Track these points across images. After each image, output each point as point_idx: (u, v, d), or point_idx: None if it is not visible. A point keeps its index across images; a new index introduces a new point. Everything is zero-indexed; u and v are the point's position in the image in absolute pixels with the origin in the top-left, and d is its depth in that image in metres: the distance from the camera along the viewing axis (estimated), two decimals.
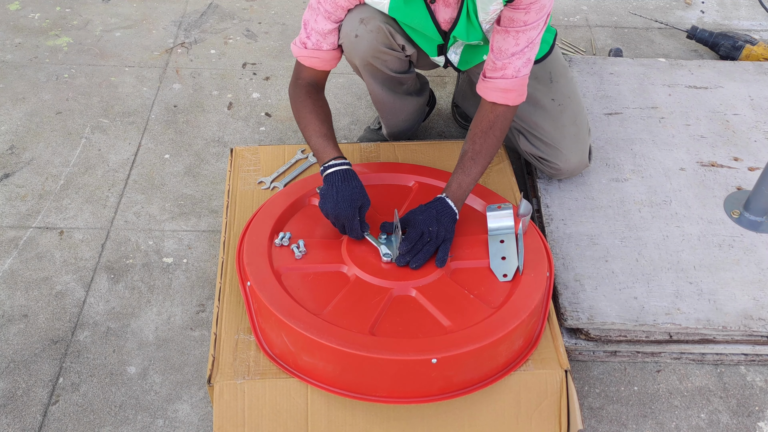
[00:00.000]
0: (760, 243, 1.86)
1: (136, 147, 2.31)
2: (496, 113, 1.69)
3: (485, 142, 1.69)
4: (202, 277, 1.94)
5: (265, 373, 1.51)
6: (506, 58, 1.64)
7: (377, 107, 2.02)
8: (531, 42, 1.62)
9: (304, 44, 1.73)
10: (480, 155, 1.68)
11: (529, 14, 1.58)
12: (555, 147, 1.91)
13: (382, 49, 1.76)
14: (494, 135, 1.69)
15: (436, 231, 1.60)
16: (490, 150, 1.70)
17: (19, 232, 2.04)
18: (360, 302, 1.53)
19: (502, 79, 1.66)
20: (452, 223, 1.63)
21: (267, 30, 2.83)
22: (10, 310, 1.84)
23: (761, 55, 2.61)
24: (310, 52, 1.73)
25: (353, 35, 1.73)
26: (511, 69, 1.64)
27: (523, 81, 1.67)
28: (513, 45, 1.62)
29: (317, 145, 1.69)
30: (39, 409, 1.66)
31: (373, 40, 1.74)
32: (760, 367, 1.78)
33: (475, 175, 1.68)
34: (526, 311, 1.50)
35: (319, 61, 1.74)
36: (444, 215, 1.62)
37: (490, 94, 1.68)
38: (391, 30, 1.75)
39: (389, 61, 1.81)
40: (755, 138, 2.17)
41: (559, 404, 1.52)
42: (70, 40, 2.73)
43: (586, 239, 1.87)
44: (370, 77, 1.87)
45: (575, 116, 1.93)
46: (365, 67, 1.82)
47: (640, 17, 3.00)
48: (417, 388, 1.45)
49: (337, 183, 1.61)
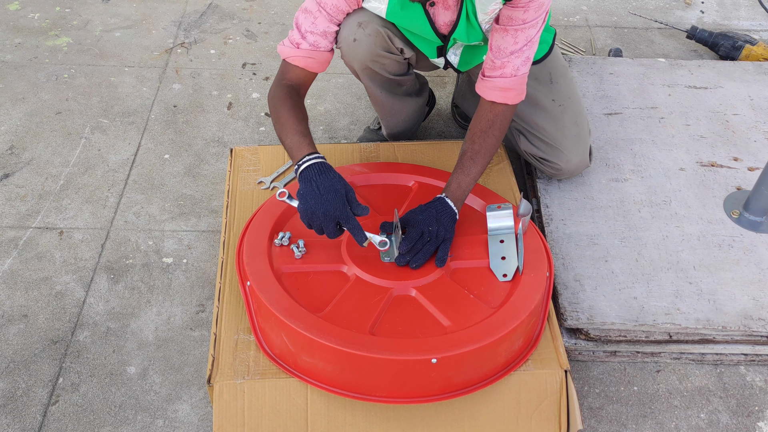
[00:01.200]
0: (759, 243, 1.86)
1: (136, 147, 2.31)
2: (495, 112, 1.69)
3: (484, 141, 1.69)
4: (201, 278, 1.94)
5: (264, 373, 1.51)
6: (505, 57, 1.64)
7: (377, 109, 2.02)
8: (530, 40, 1.62)
9: (297, 44, 1.69)
10: (479, 155, 1.68)
11: (528, 12, 1.58)
12: (556, 147, 1.91)
13: (381, 52, 1.76)
14: (493, 134, 1.69)
15: (435, 231, 1.60)
16: (489, 149, 1.70)
17: (19, 232, 2.04)
18: (360, 302, 1.53)
19: (501, 78, 1.66)
20: (452, 223, 1.63)
21: (267, 30, 2.83)
22: (9, 311, 1.84)
23: (761, 55, 2.61)
24: (305, 52, 1.69)
25: (351, 39, 1.73)
26: (510, 68, 1.64)
27: (522, 80, 1.67)
28: (512, 43, 1.62)
29: (292, 143, 1.60)
30: (39, 409, 1.66)
31: (372, 44, 1.73)
32: (759, 367, 1.78)
33: (475, 174, 1.68)
34: (526, 311, 1.50)
35: (314, 61, 1.71)
36: (443, 215, 1.62)
37: (489, 93, 1.68)
38: (390, 33, 1.74)
39: (388, 65, 1.81)
40: (755, 138, 2.17)
41: (559, 404, 1.52)
42: (70, 40, 2.73)
43: (586, 239, 1.87)
44: (368, 80, 1.87)
45: (576, 116, 1.93)
46: (364, 70, 1.82)
47: (639, 17, 3.00)
48: (417, 388, 1.45)
49: (314, 177, 1.52)
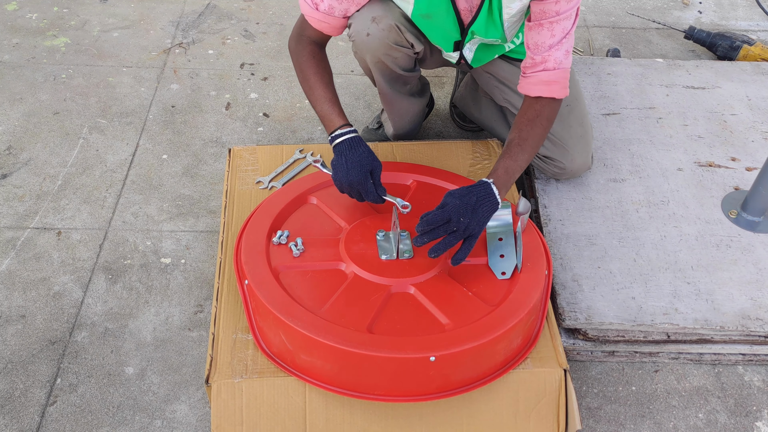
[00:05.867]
0: (757, 243, 1.87)
1: (134, 147, 2.31)
2: (541, 104, 1.65)
3: (532, 130, 1.63)
4: (200, 278, 1.93)
5: (263, 371, 1.50)
6: (545, 51, 1.61)
7: (387, 108, 2.03)
8: (566, 33, 1.59)
9: (316, 5, 1.68)
10: (527, 142, 1.62)
11: (560, 4, 1.56)
12: (562, 146, 1.91)
13: (393, 46, 1.76)
14: (540, 124, 1.64)
15: (466, 223, 1.48)
16: (537, 139, 1.64)
17: (17, 232, 2.03)
18: (358, 300, 1.52)
19: (544, 72, 1.63)
20: (489, 214, 1.52)
21: (265, 30, 2.83)
22: (7, 311, 1.84)
23: (759, 56, 2.62)
24: (322, 16, 1.69)
25: (365, 33, 1.73)
26: (552, 61, 1.62)
27: (565, 73, 1.64)
28: (549, 37, 1.59)
29: (323, 111, 1.73)
30: (37, 409, 1.66)
31: (385, 38, 1.74)
32: (757, 366, 1.78)
33: (522, 162, 1.61)
34: (524, 309, 1.50)
35: (328, 26, 1.72)
36: (483, 204, 1.51)
37: (532, 89, 1.65)
38: (402, 28, 1.74)
39: (399, 58, 1.81)
40: (753, 138, 2.17)
41: (558, 403, 1.52)
42: (68, 40, 2.73)
43: (584, 239, 1.87)
44: (379, 75, 1.87)
45: (582, 118, 1.93)
46: (376, 64, 1.82)
47: (637, 17, 3.00)
48: (415, 386, 1.45)
49: (345, 152, 1.64)
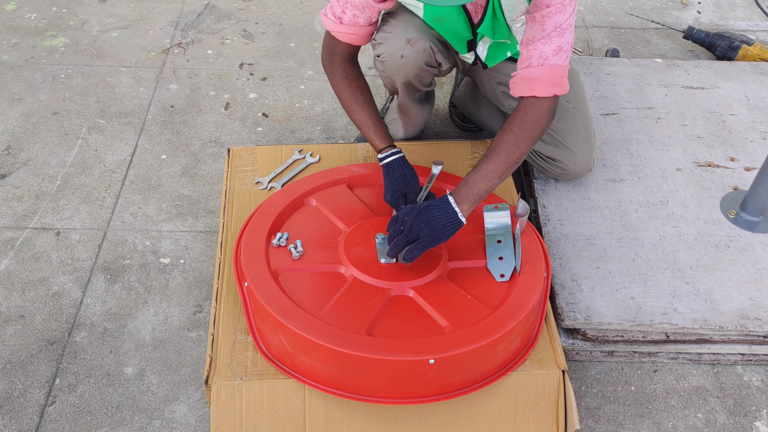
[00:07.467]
0: (756, 243, 1.87)
1: (133, 147, 2.31)
2: (522, 107, 1.59)
3: (502, 138, 1.58)
4: (199, 278, 1.93)
5: (262, 373, 1.51)
6: (531, 44, 1.56)
7: (402, 118, 2.06)
8: (558, 26, 1.52)
9: (339, 19, 1.66)
10: (494, 152, 1.57)
11: None
12: (567, 147, 1.90)
13: (424, 67, 1.78)
14: (513, 132, 1.57)
15: (411, 222, 1.52)
16: (508, 147, 1.57)
17: (16, 232, 2.03)
18: (357, 303, 1.52)
19: (527, 69, 1.57)
20: (445, 224, 1.52)
21: (264, 30, 2.83)
22: (6, 311, 1.84)
23: (757, 56, 2.62)
24: (348, 28, 1.68)
25: (399, 56, 1.73)
26: (536, 56, 1.55)
27: (551, 70, 1.56)
28: (539, 31, 1.54)
29: (366, 135, 1.79)
30: (36, 410, 1.66)
31: (419, 60, 1.74)
32: (756, 366, 1.78)
33: (486, 172, 1.56)
34: (523, 311, 1.50)
35: (356, 37, 1.71)
36: (437, 215, 1.52)
37: (516, 88, 1.61)
38: (434, 49, 1.74)
39: (425, 77, 1.84)
40: (752, 138, 2.18)
41: (557, 404, 1.52)
42: (67, 40, 2.73)
43: (583, 240, 1.87)
44: (405, 93, 1.90)
45: (587, 121, 1.93)
46: (405, 84, 1.85)
47: (636, 18, 3.00)
48: (414, 388, 1.45)
49: (389, 172, 1.73)
